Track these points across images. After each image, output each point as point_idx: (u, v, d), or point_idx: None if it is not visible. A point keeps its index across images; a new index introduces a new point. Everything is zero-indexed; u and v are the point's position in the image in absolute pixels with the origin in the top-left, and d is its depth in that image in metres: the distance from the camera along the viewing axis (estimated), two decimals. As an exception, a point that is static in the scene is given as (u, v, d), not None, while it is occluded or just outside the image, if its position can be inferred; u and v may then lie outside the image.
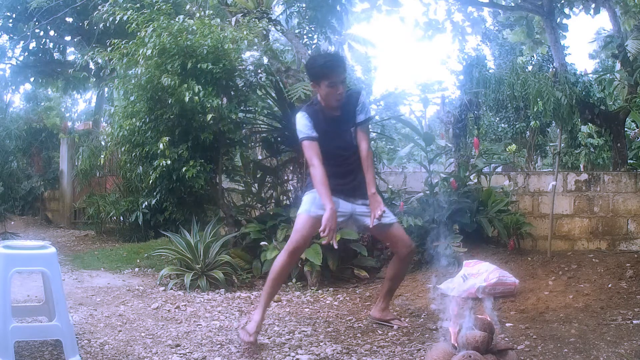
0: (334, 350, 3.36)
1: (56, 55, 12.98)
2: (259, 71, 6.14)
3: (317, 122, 3.50)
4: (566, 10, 8.42)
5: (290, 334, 3.73)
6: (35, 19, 10.86)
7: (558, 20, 7.84)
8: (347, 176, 3.56)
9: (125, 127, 5.63)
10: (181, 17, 5.59)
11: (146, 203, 8.15)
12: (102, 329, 3.78)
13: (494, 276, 4.38)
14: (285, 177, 6.64)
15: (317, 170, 3.39)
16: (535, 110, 5.82)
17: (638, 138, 7.70)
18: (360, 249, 5.57)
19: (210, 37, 5.38)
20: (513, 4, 9.39)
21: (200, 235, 5.56)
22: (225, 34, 5.48)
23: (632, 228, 5.78)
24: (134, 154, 5.83)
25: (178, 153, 5.37)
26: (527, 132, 11.79)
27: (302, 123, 3.51)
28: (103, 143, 9.78)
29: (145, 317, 4.15)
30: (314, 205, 3.47)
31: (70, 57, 13.01)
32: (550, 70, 8.18)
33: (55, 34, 12.19)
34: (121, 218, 9.15)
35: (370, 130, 7.55)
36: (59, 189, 12.02)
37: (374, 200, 3.46)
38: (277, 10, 7.39)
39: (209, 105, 5.27)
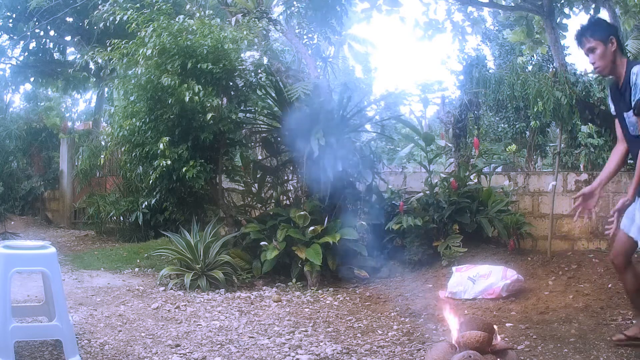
0: (334, 350, 3.36)
1: (56, 55, 12.98)
2: (259, 71, 6.14)
3: (612, 96, 3.17)
4: (566, 10, 8.43)
5: (290, 334, 3.73)
6: (35, 19, 10.86)
7: (558, 20, 7.86)
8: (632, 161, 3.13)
9: (125, 127, 5.63)
10: (181, 17, 5.59)
11: (146, 203, 8.15)
12: (102, 329, 3.78)
13: (511, 274, 4.49)
14: (285, 177, 6.64)
15: (613, 149, 3.20)
16: (535, 110, 5.82)
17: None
18: (360, 249, 5.56)
19: (210, 37, 5.38)
20: (513, 4, 9.40)
21: (200, 235, 5.56)
22: (225, 34, 5.47)
23: (632, 228, 5.78)
24: (134, 154, 5.82)
25: (178, 153, 5.37)
26: (527, 132, 11.77)
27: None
28: (103, 143, 9.77)
29: (145, 317, 4.15)
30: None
31: (70, 57, 13.00)
32: (550, 70, 8.18)
33: (55, 34, 12.18)
34: (121, 218, 9.14)
35: (371, 130, 7.55)
36: (59, 189, 12.02)
37: None
38: (277, 10, 7.39)
39: (209, 105, 5.27)
